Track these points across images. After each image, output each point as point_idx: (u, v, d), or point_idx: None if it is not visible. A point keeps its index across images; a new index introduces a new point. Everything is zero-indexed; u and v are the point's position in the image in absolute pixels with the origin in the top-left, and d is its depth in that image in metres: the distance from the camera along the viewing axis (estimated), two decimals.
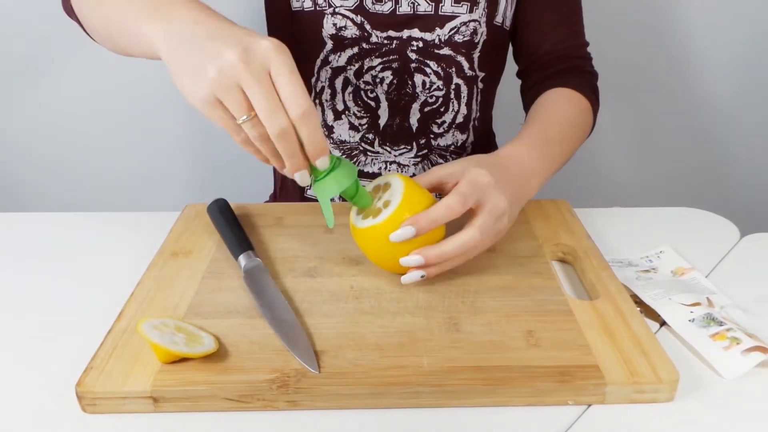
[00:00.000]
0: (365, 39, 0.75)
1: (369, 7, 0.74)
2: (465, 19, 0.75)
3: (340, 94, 0.78)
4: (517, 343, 0.49)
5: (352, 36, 0.75)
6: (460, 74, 0.78)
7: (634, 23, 1.23)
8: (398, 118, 0.79)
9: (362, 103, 0.79)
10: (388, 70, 0.77)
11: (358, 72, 0.77)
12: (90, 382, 0.45)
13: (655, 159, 1.40)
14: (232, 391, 0.45)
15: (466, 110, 0.81)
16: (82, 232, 0.71)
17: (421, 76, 0.77)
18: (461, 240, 0.54)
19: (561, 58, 0.79)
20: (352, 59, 0.76)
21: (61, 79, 1.29)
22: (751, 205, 1.41)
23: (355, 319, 0.52)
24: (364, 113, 0.79)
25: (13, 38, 1.24)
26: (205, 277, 0.58)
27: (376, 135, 0.80)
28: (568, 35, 0.79)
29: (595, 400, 0.46)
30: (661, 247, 0.66)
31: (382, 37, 0.75)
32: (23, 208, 1.15)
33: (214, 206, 0.67)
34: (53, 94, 1.31)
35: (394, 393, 0.45)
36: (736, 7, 1.23)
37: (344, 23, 0.74)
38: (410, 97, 0.78)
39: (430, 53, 0.76)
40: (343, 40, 0.75)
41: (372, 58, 0.76)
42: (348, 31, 0.74)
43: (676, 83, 1.31)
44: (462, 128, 0.82)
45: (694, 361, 0.50)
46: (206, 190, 1.37)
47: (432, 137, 0.81)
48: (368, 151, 0.81)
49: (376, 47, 0.76)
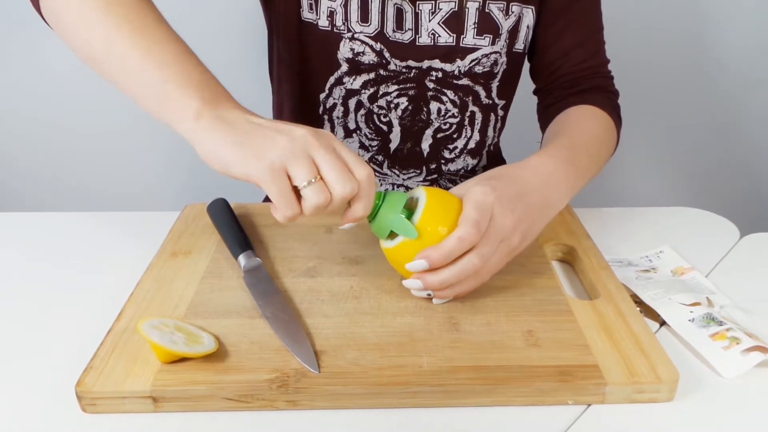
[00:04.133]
0: (383, 66, 0.74)
1: (390, 35, 0.72)
2: (487, 51, 0.73)
3: (352, 114, 0.77)
4: (517, 343, 0.49)
5: (370, 62, 0.73)
6: (476, 102, 0.77)
7: (634, 24, 1.24)
8: (410, 143, 0.78)
9: (374, 126, 0.77)
10: (403, 96, 0.75)
11: (373, 96, 0.76)
12: (90, 382, 0.45)
13: (654, 159, 1.40)
14: (232, 391, 0.45)
15: (479, 136, 0.80)
16: (82, 232, 0.71)
17: (437, 104, 0.76)
18: (459, 267, 0.50)
19: (583, 78, 0.76)
20: (367, 84, 0.75)
21: (60, 77, 1.29)
22: (750, 205, 1.41)
23: (354, 319, 0.52)
24: (375, 136, 0.78)
25: (13, 34, 1.25)
26: (205, 277, 0.58)
27: (386, 158, 0.79)
28: (591, 55, 0.76)
29: (594, 399, 0.46)
30: (661, 246, 0.66)
31: (401, 66, 0.73)
32: (22, 208, 1.15)
33: (213, 206, 0.67)
34: (52, 92, 1.31)
35: (393, 393, 0.45)
36: (736, 8, 1.23)
37: (363, 49, 0.72)
38: (424, 123, 0.77)
39: (448, 83, 0.75)
40: (359, 65, 0.73)
41: (389, 84, 0.75)
42: (366, 57, 0.73)
43: (676, 85, 1.31)
44: (474, 153, 0.81)
45: (694, 360, 0.50)
46: (206, 190, 1.37)
47: (443, 162, 0.80)
48: (376, 172, 0.81)
49: (393, 75, 0.74)
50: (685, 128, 1.36)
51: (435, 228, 0.51)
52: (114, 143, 1.36)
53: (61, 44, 0.56)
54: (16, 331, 0.55)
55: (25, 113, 1.33)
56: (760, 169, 1.39)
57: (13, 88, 1.30)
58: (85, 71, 1.25)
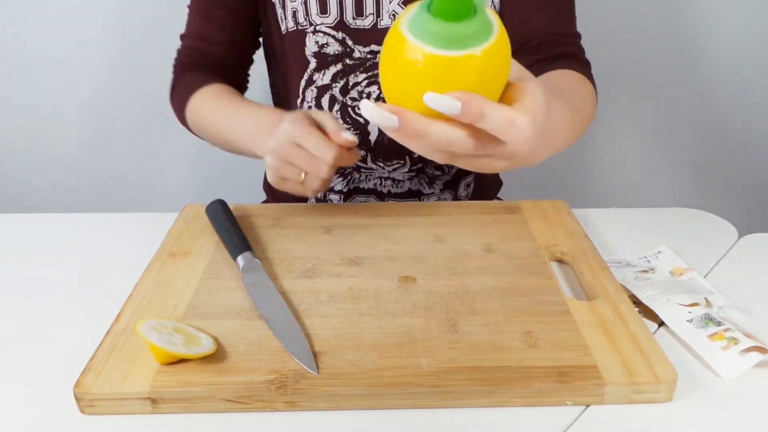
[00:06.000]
0: (348, 55, 0.75)
1: (350, 23, 0.73)
2: None
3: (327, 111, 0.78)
4: (516, 344, 0.49)
5: (335, 53, 0.74)
6: None
7: (634, 22, 1.24)
8: None
9: (351, 120, 0.78)
10: (374, 84, 0.76)
11: (344, 89, 0.76)
12: (88, 384, 0.45)
13: (652, 159, 1.41)
14: (231, 392, 0.45)
15: None
16: (81, 233, 0.71)
17: None
18: (449, 137, 0.39)
19: (552, 44, 0.72)
20: (336, 76, 0.76)
21: (60, 79, 1.28)
22: (748, 205, 1.41)
23: (353, 320, 0.52)
24: (353, 129, 0.78)
25: (15, 38, 1.24)
26: (204, 277, 0.58)
27: (368, 151, 0.79)
28: (557, 19, 0.74)
29: (593, 400, 0.46)
30: (659, 247, 0.66)
31: (365, 52, 0.74)
32: (21, 209, 1.15)
33: (212, 207, 0.67)
34: (51, 92, 1.30)
35: (392, 394, 0.45)
36: (737, 8, 1.24)
37: (326, 40, 0.74)
38: None
39: None
40: (326, 58, 0.75)
41: (356, 73, 0.76)
42: (330, 48, 0.74)
43: (673, 85, 1.31)
44: None
45: (693, 361, 0.50)
46: (205, 191, 1.37)
47: None
48: (362, 168, 0.81)
49: (359, 62, 0.75)
50: (682, 129, 1.36)
51: (501, 73, 0.38)
52: (113, 144, 1.36)
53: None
54: (14, 332, 0.54)
55: (19, 114, 1.33)
56: (759, 169, 1.39)
57: (8, 84, 1.30)
58: (83, 72, 1.25)
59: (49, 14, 1.22)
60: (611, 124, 1.35)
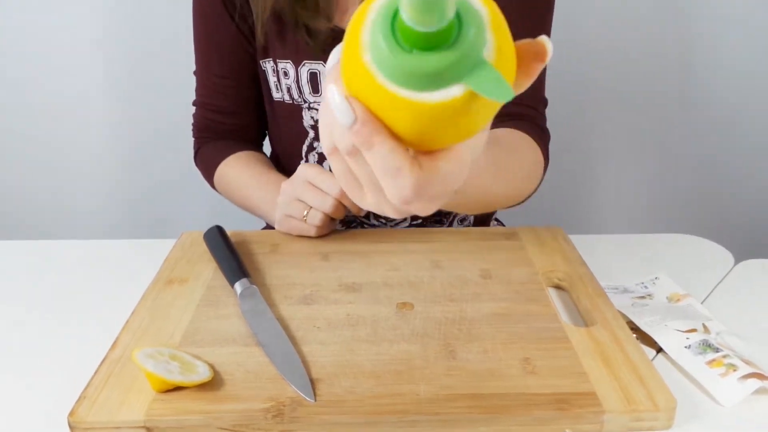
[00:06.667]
0: None
1: None
2: None
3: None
4: (514, 371, 0.49)
5: None
6: None
7: (628, 49, 1.25)
8: None
9: None
10: None
11: None
12: (83, 412, 0.44)
13: (649, 186, 1.41)
14: (227, 421, 0.44)
15: None
16: (77, 260, 0.71)
17: None
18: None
19: (511, 104, 0.62)
20: None
21: (53, 106, 1.29)
22: (745, 231, 1.41)
23: (351, 347, 0.52)
24: None
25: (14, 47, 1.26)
26: (201, 305, 0.58)
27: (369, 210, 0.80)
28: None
29: (592, 428, 0.45)
30: (657, 273, 0.66)
31: None
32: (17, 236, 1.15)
33: (210, 233, 0.67)
34: (42, 121, 1.31)
35: (390, 421, 0.44)
36: (727, 29, 1.26)
37: None
38: None
39: None
40: None
41: None
42: None
43: (670, 113, 1.33)
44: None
45: (691, 388, 0.50)
46: (203, 218, 1.37)
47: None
48: (365, 224, 0.82)
49: None
50: (679, 156, 1.37)
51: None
52: (111, 171, 1.36)
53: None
54: (8, 361, 0.54)
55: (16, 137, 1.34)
56: (754, 196, 1.40)
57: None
58: (86, 94, 1.26)
59: (60, 27, 1.23)
60: (607, 151, 1.36)
